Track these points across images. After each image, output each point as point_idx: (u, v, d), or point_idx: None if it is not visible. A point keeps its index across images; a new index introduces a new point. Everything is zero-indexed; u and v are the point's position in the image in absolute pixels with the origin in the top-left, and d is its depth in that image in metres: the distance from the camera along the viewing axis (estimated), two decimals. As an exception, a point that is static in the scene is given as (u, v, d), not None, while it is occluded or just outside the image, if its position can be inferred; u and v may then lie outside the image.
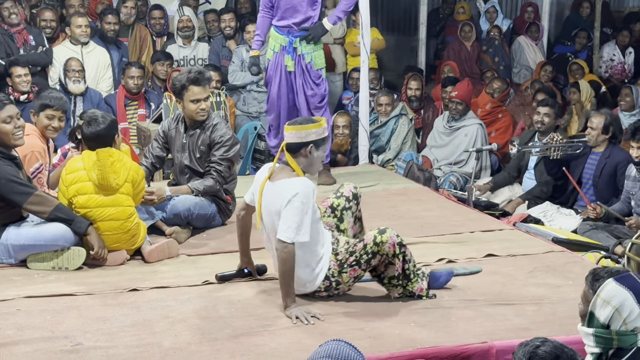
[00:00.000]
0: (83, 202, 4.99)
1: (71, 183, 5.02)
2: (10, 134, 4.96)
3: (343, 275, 4.40)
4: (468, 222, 6.07)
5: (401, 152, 8.50)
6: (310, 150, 4.35)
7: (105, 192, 5.00)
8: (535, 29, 11.28)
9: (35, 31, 8.61)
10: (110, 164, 4.98)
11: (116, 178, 4.99)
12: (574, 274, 4.91)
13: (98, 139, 5.06)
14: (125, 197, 5.06)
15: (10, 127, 4.97)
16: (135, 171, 5.13)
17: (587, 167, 6.93)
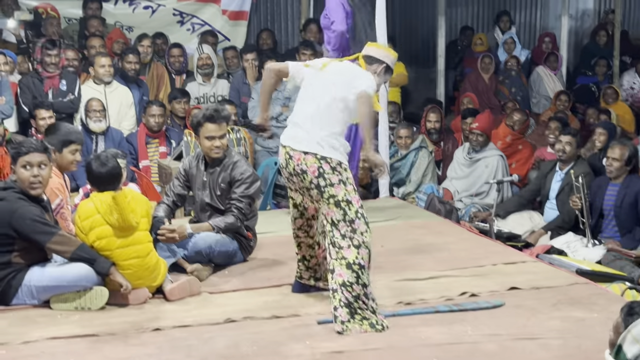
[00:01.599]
0: (104, 246, 5.01)
1: (89, 229, 5.03)
2: (26, 181, 4.94)
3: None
4: (490, 255, 6.04)
5: (422, 185, 8.49)
6: (380, 70, 4.88)
7: (125, 233, 5.03)
8: (554, 58, 11.27)
9: (70, 77, 8.69)
10: (128, 204, 5.02)
11: (135, 217, 5.03)
12: (599, 306, 4.87)
13: (110, 180, 5.12)
14: (143, 234, 5.09)
15: (27, 174, 4.94)
16: (146, 203, 5.21)
17: (607, 199, 6.87)
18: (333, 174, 4.63)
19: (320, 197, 4.66)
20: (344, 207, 4.60)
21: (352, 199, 4.63)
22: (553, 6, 13.01)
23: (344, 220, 4.60)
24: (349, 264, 4.55)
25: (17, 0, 10.23)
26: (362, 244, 4.59)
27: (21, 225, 4.87)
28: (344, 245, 4.58)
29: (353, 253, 4.56)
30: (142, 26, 10.76)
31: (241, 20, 11.38)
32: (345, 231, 4.59)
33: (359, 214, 4.62)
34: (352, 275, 4.54)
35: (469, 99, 10.11)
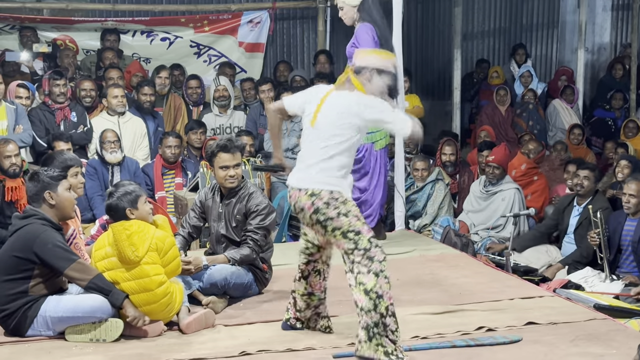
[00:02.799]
0: (110, 278, 5.01)
1: (99, 259, 5.07)
2: (73, 202, 5.23)
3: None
4: (507, 289, 5.99)
5: (438, 218, 8.46)
6: (372, 75, 4.69)
7: (128, 267, 5.01)
8: (570, 92, 11.27)
9: (79, 109, 8.76)
10: (127, 237, 4.99)
11: (135, 250, 4.98)
12: (617, 342, 4.81)
13: (109, 212, 5.20)
14: (151, 267, 5.02)
15: (72, 195, 5.23)
16: (160, 239, 5.09)
17: (625, 234, 6.82)
18: (328, 209, 4.56)
19: (324, 231, 4.61)
20: (352, 237, 4.52)
21: (360, 229, 4.54)
22: (569, 40, 13.02)
23: (357, 249, 4.51)
24: (367, 290, 4.44)
25: (37, 33, 10.33)
26: (380, 272, 4.46)
27: (43, 250, 4.90)
28: (363, 270, 4.47)
29: (372, 280, 4.44)
30: (160, 58, 10.85)
31: (258, 52, 11.45)
32: (360, 259, 4.49)
33: (372, 243, 4.53)
34: (369, 302, 4.43)
35: (486, 132, 10.10)
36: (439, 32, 12.83)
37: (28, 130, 8.14)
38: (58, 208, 5.12)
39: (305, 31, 12.01)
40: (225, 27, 11.22)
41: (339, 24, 10.76)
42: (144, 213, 5.21)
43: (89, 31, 10.75)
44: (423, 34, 12.94)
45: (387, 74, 4.73)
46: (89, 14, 10.97)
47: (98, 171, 8.14)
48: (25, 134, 8.07)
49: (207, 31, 11.18)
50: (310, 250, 4.91)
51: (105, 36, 10.51)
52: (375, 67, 4.69)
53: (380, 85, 4.70)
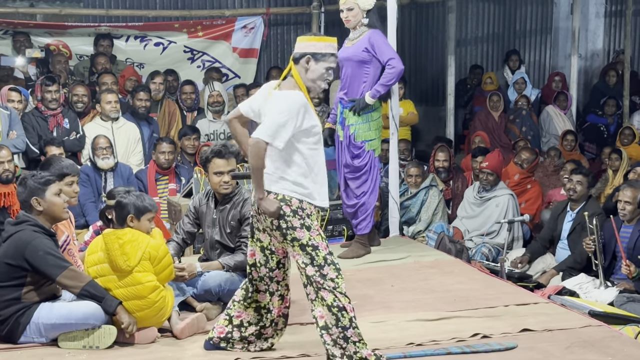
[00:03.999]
0: (103, 284, 4.99)
1: (92, 264, 5.06)
2: (62, 206, 5.15)
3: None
4: (502, 295, 5.98)
5: (432, 224, 8.45)
6: (307, 61, 4.52)
7: (120, 274, 4.99)
8: (564, 98, 11.28)
9: (71, 115, 8.73)
10: (119, 247, 4.96)
11: (126, 260, 4.96)
12: (613, 349, 4.81)
13: (115, 208, 5.20)
14: (143, 275, 5.00)
15: (61, 200, 5.15)
16: (154, 248, 5.07)
17: (621, 240, 6.82)
18: (294, 217, 4.44)
19: (283, 239, 4.49)
20: (310, 251, 4.42)
21: (318, 244, 4.44)
22: (562, 46, 13.05)
23: (312, 265, 4.43)
24: (328, 306, 4.39)
25: (30, 38, 10.30)
26: (333, 290, 4.40)
27: (34, 257, 4.87)
28: (318, 287, 4.43)
29: (330, 295, 4.40)
30: (153, 63, 10.84)
31: (251, 57, 11.46)
32: (313, 275, 4.42)
33: (328, 260, 4.43)
34: (332, 318, 4.40)
35: (480, 138, 10.10)
36: (432, 39, 12.83)
37: (22, 137, 8.11)
38: (47, 213, 5.08)
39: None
40: (219, 33, 11.22)
41: (333, 30, 10.82)
42: (143, 228, 5.17)
43: (83, 36, 10.73)
44: (417, 40, 12.95)
45: (326, 57, 4.55)
46: (83, 19, 10.97)
47: (91, 177, 8.10)
48: (19, 140, 8.04)
49: (201, 36, 11.17)
50: (271, 264, 4.67)
51: (98, 41, 10.49)
52: (310, 53, 4.53)
53: (319, 70, 4.54)
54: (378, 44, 6.99)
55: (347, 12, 7.06)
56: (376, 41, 7.00)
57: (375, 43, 6.99)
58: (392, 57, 6.99)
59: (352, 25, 7.10)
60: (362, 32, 7.09)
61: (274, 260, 4.67)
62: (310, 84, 4.58)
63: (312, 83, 4.57)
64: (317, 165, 4.58)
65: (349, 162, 7.22)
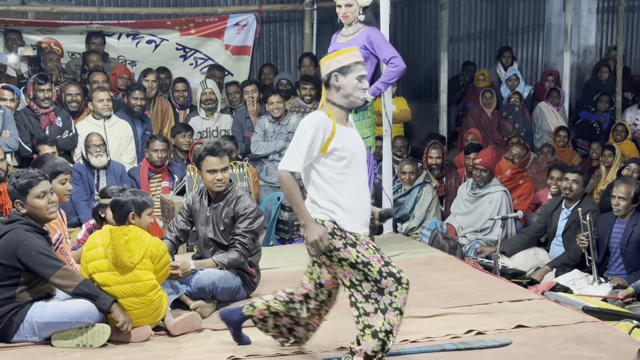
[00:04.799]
0: (102, 280, 4.98)
1: (90, 260, 5.03)
2: (44, 208, 5.03)
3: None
4: (496, 292, 5.99)
5: (425, 221, 8.46)
6: (336, 79, 4.37)
7: (121, 270, 4.98)
8: (556, 94, 11.29)
9: (64, 114, 8.70)
10: (125, 243, 4.95)
11: (130, 257, 4.95)
12: (607, 345, 4.82)
13: (113, 208, 5.16)
14: (143, 272, 5.01)
15: (44, 202, 5.03)
16: (155, 246, 5.07)
17: (614, 237, 6.84)
18: (334, 239, 4.28)
19: (330, 262, 4.32)
20: (362, 269, 4.22)
21: (369, 260, 4.24)
22: (555, 42, 13.06)
23: (367, 281, 4.23)
24: (375, 332, 4.19)
25: (22, 36, 10.27)
26: (388, 306, 4.20)
27: (27, 257, 4.85)
28: (369, 310, 4.21)
29: (379, 320, 4.19)
30: (145, 60, 10.81)
31: (244, 55, 11.43)
32: (369, 291, 4.23)
33: (383, 274, 4.22)
34: (377, 345, 4.19)
35: (473, 135, 10.11)
36: (425, 35, 12.84)
37: (14, 136, 8.08)
38: (30, 216, 5.04)
39: (292, 34, 12.01)
40: (212, 30, 11.19)
41: (326, 27, 10.82)
42: (144, 224, 5.18)
43: (74, 34, 10.70)
44: (409, 37, 12.93)
45: (352, 67, 4.38)
46: (74, 16, 10.92)
47: (83, 176, 8.08)
48: (12, 139, 8.01)
49: (193, 34, 11.15)
50: (321, 297, 4.56)
51: (90, 39, 10.45)
52: (335, 69, 4.37)
53: (351, 83, 4.37)
54: (378, 42, 6.98)
55: (346, 8, 7.04)
56: (375, 39, 6.99)
57: (374, 41, 6.98)
58: (395, 56, 6.98)
59: (350, 22, 7.08)
60: (358, 28, 7.07)
61: (324, 294, 4.55)
62: (346, 100, 4.40)
63: (347, 99, 4.40)
64: (347, 191, 4.37)
65: None
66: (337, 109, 4.41)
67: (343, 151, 4.35)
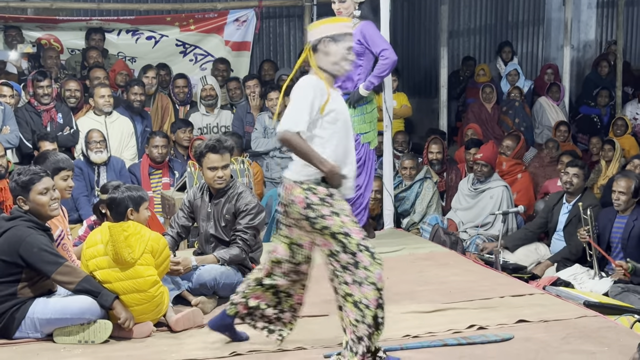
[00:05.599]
0: (103, 277, 4.98)
1: (90, 257, 5.03)
2: (46, 205, 5.05)
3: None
4: (497, 287, 5.99)
5: (426, 216, 8.45)
6: (326, 45, 4.44)
7: (122, 266, 4.98)
8: (556, 89, 11.28)
9: (65, 110, 8.70)
10: (124, 239, 4.95)
11: (131, 252, 4.95)
12: (609, 339, 4.81)
13: (110, 206, 5.18)
14: (145, 268, 5.01)
15: (46, 198, 5.05)
16: (155, 241, 5.08)
17: (615, 231, 6.83)
18: (322, 205, 4.29)
19: (312, 228, 4.32)
20: (341, 239, 4.24)
21: (350, 231, 4.25)
22: (555, 37, 13.05)
23: (345, 252, 4.24)
24: (355, 302, 4.22)
25: (22, 32, 10.25)
26: (364, 280, 4.20)
27: (29, 253, 4.85)
28: (348, 280, 4.23)
29: (357, 291, 4.21)
30: (145, 57, 10.79)
31: (244, 51, 11.41)
32: (346, 263, 4.24)
33: (360, 247, 4.24)
34: (359, 314, 4.22)
35: (473, 130, 10.10)
36: (425, 30, 12.83)
37: (15, 132, 8.07)
38: (32, 212, 5.05)
39: (292, 30, 12.00)
40: (212, 26, 11.17)
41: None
42: (142, 218, 5.20)
43: (74, 30, 10.67)
44: (409, 32, 12.93)
45: (344, 37, 4.45)
46: (74, 13, 10.91)
47: (84, 172, 8.08)
48: (12, 135, 8.01)
49: (193, 30, 11.12)
50: (298, 258, 4.52)
51: (90, 35, 10.44)
52: (329, 36, 4.43)
53: (340, 51, 4.43)
54: (370, 35, 6.98)
55: (339, 4, 7.04)
56: (368, 33, 6.98)
57: (367, 35, 6.97)
58: (385, 48, 6.97)
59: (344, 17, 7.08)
60: (353, 24, 7.06)
61: (302, 255, 4.52)
62: (333, 67, 4.47)
63: (334, 66, 4.47)
64: (340, 152, 4.45)
65: None
66: (326, 74, 4.49)
67: (338, 113, 4.47)
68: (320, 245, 4.37)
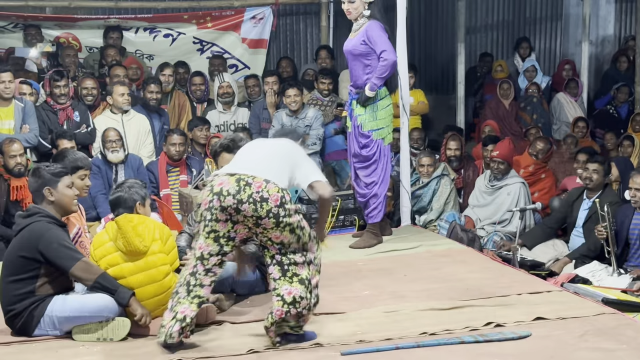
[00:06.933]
0: (116, 274, 5.00)
1: (100, 257, 5.05)
2: (72, 198, 5.20)
3: None
4: (515, 284, 5.97)
5: (444, 213, 8.43)
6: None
7: (135, 258, 5.01)
8: (574, 85, 11.22)
9: (81, 108, 8.75)
10: (133, 228, 5.00)
11: (142, 240, 5.00)
12: (627, 337, 4.78)
13: (118, 205, 5.25)
14: (157, 257, 5.05)
15: (73, 192, 5.21)
16: (161, 228, 5.20)
17: (633, 228, 6.78)
18: (291, 205, 4.71)
19: (274, 225, 4.62)
20: (298, 232, 4.70)
21: (304, 225, 4.75)
22: (573, 32, 12.97)
23: (297, 242, 4.71)
24: (302, 279, 4.68)
25: (41, 31, 10.31)
26: (312, 261, 4.75)
27: (47, 248, 4.89)
28: (299, 261, 4.70)
29: (306, 269, 4.70)
30: (163, 54, 10.83)
31: (261, 48, 11.42)
32: (296, 248, 4.71)
33: (312, 237, 4.78)
34: (304, 290, 4.66)
35: (490, 127, 10.05)
36: (442, 27, 12.78)
37: (34, 131, 8.13)
38: (57, 204, 5.12)
39: (309, 27, 11.99)
40: (228, 24, 11.19)
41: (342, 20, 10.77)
42: (148, 211, 5.35)
43: (92, 29, 10.73)
44: (426, 28, 12.89)
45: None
46: (92, 11, 10.97)
47: (102, 170, 8.13)
48: (31, 135, 8.07)
49: (210, 27, 11.15)
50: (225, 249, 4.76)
51: (108, 33, 10.49)
52: None
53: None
54: (373, 36, 6.98)
55: (349, 4, 7.06)
56: (372, 33, 6.99)
57: (371, 35, 6.98)
58: (384, 50, 6.97)
59: (354, 17, 7.10)
60: (362, 24, 7.08)
61: (229, 246, 4.78)
62: None
63: None
64: None
65: (358, 152, 7.24)
66: None
67: None
68: (272, 238, 4.69)
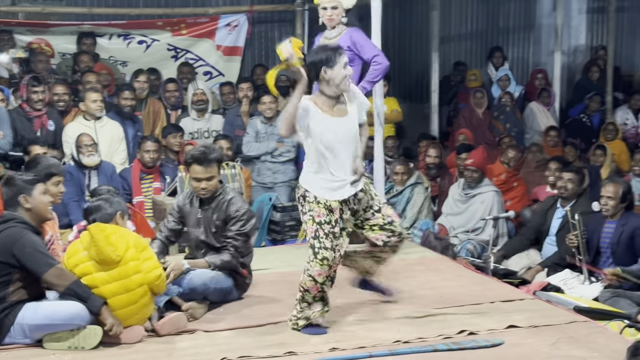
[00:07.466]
0: (89, 283, 4.94)
1: (73, 266, 4.99)
2: (47, 205, 5.20)
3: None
4: (488, 292, 5.99)
5: (417, 221, 8.46)
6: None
7: (108, 267, 4.95)
8: (547, 94, 11.32)
9: (55, 116, 8.69)
10: (105, 238, 4.94)
11: (114, 250, 4.93)
12: (599, 344, 4.82)
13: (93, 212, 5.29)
14: (130, 267, 4.97)
15: (47, 199, 5.22)
16: (136, 236, 5.19)
17: (604, 236, 6.84)
18: (299, 202, 5.16)
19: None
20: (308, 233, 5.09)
21: (307, 228, 5.07)
22: (545, 42, 13.09)
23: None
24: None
25: (14, 37, 10.23)
26: (305, 270, 5.08)
27: (22, 253, 4.85)
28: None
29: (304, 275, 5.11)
30: (137, 61, 10.78)
31: (235, 55, 11.42)
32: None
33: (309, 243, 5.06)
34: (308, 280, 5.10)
35: (464, 135, 10.11)
36: (416, 36, 12.85)
37: (7, 137, 8.05)
38: (34, 211, 5.09)
39: (284, 34, 11.90)
40: (203, 31, 11.18)
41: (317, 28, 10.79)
42: (125, 224, 5.35)
43: (65, 34, 10.66)
44: (401, 37, 12.94)
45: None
46: (65, 17, 10.88)
47: (74, 176, 8.04)
48: (5, 141, 7.98)
49: (185, 34, 11.12)
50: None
51: (81, 40, 10.43)
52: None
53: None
54: (360, 42, 7.00)
55: (332, 10, 7.05)
56: (358, 39, 7.01)
57: (357, 41, 7.00)
58: (377, 54, 7.00)
59: (335, 24, 7.10)
60: (341, 30, 7.09)
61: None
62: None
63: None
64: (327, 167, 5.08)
65: None
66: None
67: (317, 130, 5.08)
68: None
